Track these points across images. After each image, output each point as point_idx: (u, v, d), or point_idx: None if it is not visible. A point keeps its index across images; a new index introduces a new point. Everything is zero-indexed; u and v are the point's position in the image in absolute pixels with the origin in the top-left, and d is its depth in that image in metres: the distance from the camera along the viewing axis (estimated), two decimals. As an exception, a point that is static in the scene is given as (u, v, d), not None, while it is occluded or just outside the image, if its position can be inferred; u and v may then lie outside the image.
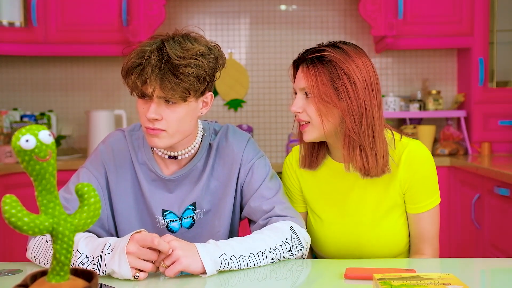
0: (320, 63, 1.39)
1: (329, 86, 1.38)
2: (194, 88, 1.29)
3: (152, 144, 1.34)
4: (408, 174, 1.44)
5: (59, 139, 3.65)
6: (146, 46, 1.28)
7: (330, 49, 1.40)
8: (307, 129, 1.42)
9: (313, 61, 1.40)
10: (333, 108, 1.38)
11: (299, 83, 1.42)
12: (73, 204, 1.33)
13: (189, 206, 1.42)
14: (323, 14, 3.74)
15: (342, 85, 1.37)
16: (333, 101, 1.38)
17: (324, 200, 1.51)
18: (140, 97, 1.31)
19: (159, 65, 1.25)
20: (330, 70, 1.38)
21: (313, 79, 1.39)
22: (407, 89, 3.74)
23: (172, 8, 3.73)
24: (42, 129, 0.74)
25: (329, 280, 1.20)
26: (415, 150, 1.44)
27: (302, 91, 1.42)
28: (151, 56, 1.25)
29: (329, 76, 1.38)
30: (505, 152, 3.42)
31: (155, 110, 1.29)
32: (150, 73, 1.25)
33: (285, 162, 1.59)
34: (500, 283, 1.24)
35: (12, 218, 0.73)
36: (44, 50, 3.38)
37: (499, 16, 3.41)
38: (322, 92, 1.38)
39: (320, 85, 1.38)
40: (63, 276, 0.78)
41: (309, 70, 1.40)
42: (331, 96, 1.38)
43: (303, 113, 1.42)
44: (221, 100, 3.78)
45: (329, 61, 1.39)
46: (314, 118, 1.40)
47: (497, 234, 2.59)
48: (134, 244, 1.17)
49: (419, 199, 1.45)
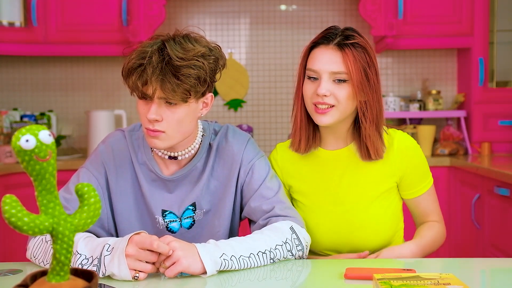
0: (355, 49, 1.39)
1: (363, 74, 1.39)
2: (195, 89, 1.28)
3: (152, 145, 1.34)
4: (401, 163, 1.48)
5: (59, 139, 3.65)
6: (147, 46, 1.28)
7: (358, 35, 1.41)
8: (330, 113, 1.40)
9: (347, 46, 1.38)
10: (363, 95, 1.40)
11: (331, 66, 1.39)
12: (73, 204, 1.33)
13: (189, 206, 1.42)
14: (323, 14, 3.74)
15: (372, 74, 1.40)
16: (366, 89, 1.39)
17: (314, 190, 1.52)
18: (140, 98, 1.31)
19: (160, 66, 1.24)
20: (364, 57, 1.39)
21: (353, 64, 1.37)
22: (407, 89, 3.74)
23: (172, 8, 3.73)
24: (42, 129, 0.74)
25: (329, 280, 1.20)
26: (404, 139, 1.50)
27: (332, 75, 1.39)
28: (152, 57, 1.25)
29: (363, 63, 1.39)
30: (505, 152, 3.42)
31: (155, 111, 1.29)
32: (151, 74, 1.24)
33: (269, 159, 1.56)
34: (500, 283, 1.24)
35: (12, 218, 0.73)
36: (44, 50, 3.38)
37: (499, 16, 3.41)
38: (358, 79, 1.38)
39: (357, 71, 1.38)
40: (63, 276, 0.78)
41: (347, 54, 1.38)
42: (364, 83, 1.39)
43: (330, 97, 1.39)
44: (221, 100, 3.78)
45: (363, 48, 1.39)
46: (343, 103, 1.40)
47: (497, 234, 2.59)
48: (133, 246, 1.17)
49: (415, 184, 1.51)
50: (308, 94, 1.42)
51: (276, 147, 1.59)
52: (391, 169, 1.48)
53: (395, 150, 1.47)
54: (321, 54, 1.41)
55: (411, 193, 1.52)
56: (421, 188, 1.52)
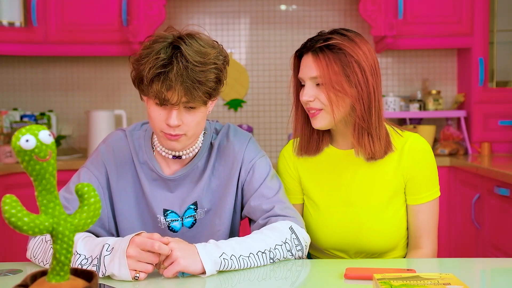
0: (330, 51, 1.40)
1: (341, 74, 1.39)
2: (215, 91, 1.32)
3: (171, 148, 1.35)
4: (410, 164, 1.47)
5: (59, 139, 3.65)
6: (160, 53, 1.26)
7: (338, 37, 1.41)
8: (319, 116, 1.43)
9: (322, 50, 1.40)
10: (344, 96, 1.40)
11: (309, 72, 1.41)
12: (73, 204, 1.33)
13: (190, 206, 1.42)
14: (323, 14, 3.74)
15: (353, 73, 1.39)
16: (344, 89, 1.39)
17: (325, 189, 1.52)
18: (161, 104, 1.30)
19: (184, 73, 1.24)
20: (341, 58, 1.39)
21: (324, 68, 1.39)
22: (407, 89, 3.74)
23: (172, 8, 3.73)
24: (42, 129, 0.74)
25: (329, 280, 1.20)
26: (417, 141, 1.49)
27: (313, 80, 1.42)
28: (173, 64, 1.25)
29: (340, 64, 1.39)
30: (505, 152, 3.42)
31: (177, 117, 1.29)
32: (175, 81, 1.24)
33: (282, 154, 1.59)
34: (500, 283, 1.25)
35: (12, 218, 0.73)
36: (44, 50, 3.38)
37: (499, 16, 3.41)
38: (333, 80, 1.39)
39: (331, 73, 1.38)
40: (63, 276, 0.78)
41: (320, 58, 1.40)
42: (343, 84, 1.39)
43: (315, 101, 1.42)
44: (221, 100, 3.78)
45: (339, 49, 1.40)
46: (327, 106, 1.41)
47: (497, 234, 2.59)
48: (134, 247, 1.17)
49: (420, 190, 1.48)
50: (301, 100, 1.45)
51: (288, 143, 1.61)
52: (401, 171, 1.48)
53: (406, 152, 1.47)
54: (303, 61, 1.44)
55: (414, 198, 1.49)
56: (425, 196, 1.48)
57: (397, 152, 1.47)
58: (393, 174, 1.48)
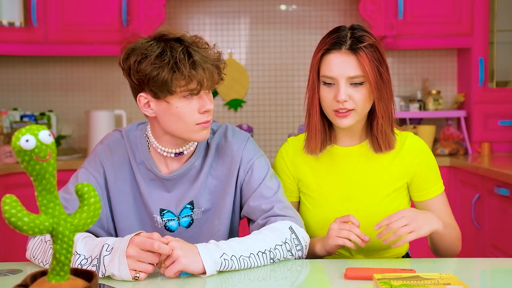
0: (367, 50, 1.39)
1: (377, 73, 1.40)
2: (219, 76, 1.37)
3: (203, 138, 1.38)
4: (413, 162, 1.48)
5: (59, 139, 3.65)
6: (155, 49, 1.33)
7: (368, 34, 1.41)
8: (351, 116, 1.41)
9: (361, 48, 1.39)
10: (383, 94, 1.41)
11: (346, 71, 1.39)
12: (73, 204, 1.33)
13: (186, 205, 1.42)
14: (323, 14, 3.74)
15: (384, 70, 1.41)
16: (380, 86, 1.40)
17: (324, 185, 1.52)
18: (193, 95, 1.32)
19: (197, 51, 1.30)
20: (376, 56, 1.40)
21: (368, 67, 1.38)
22: (407, 89, 3.74)
23: (172, 8, 3.73)
24: (42, 129, 0.74)
25: (329, 280, 1.20)
26: (416, 140, 1.51)
27: (349, 79, 1.40)
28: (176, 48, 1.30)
29: (376, 62, 1.39)
30: (505, 152, 3.42)
31: (210, 101, 1.34)
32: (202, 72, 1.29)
33: (281, 151, 1.59)
34: (500, 283, 1.25)
35: (12, 218, 0.73)
36: (44, 50, 3.38)
37: (499, 16, 3.41)
38: (374, 79, 1.39)
39: (373, 72, 1.38)
40: (63, 276, 0.78)
41: (362, 57, 1.38)
42: (379, 82, 1.40)
43: (349, 101, 1.40)
44: (221, 100, 3.78)
45: (374, 47, 1.40)
46: (361, 106, 1.41)
47: (497, 234, 2.59)
48: (134, 247, 1.17)
49: (427, 186, 1.50)
50: (326, 99, 1.42)
51: (287, 140, 1.60)
52: (402, 168, 1.49)
53: (406, 150, 1.49)
54: (335, 59, 1.40)
55: (422, 194, 1.51)
56: (433, 191, 1.51)
57: (396, 150, 1.49)
58: (393, 171, 1.49)
